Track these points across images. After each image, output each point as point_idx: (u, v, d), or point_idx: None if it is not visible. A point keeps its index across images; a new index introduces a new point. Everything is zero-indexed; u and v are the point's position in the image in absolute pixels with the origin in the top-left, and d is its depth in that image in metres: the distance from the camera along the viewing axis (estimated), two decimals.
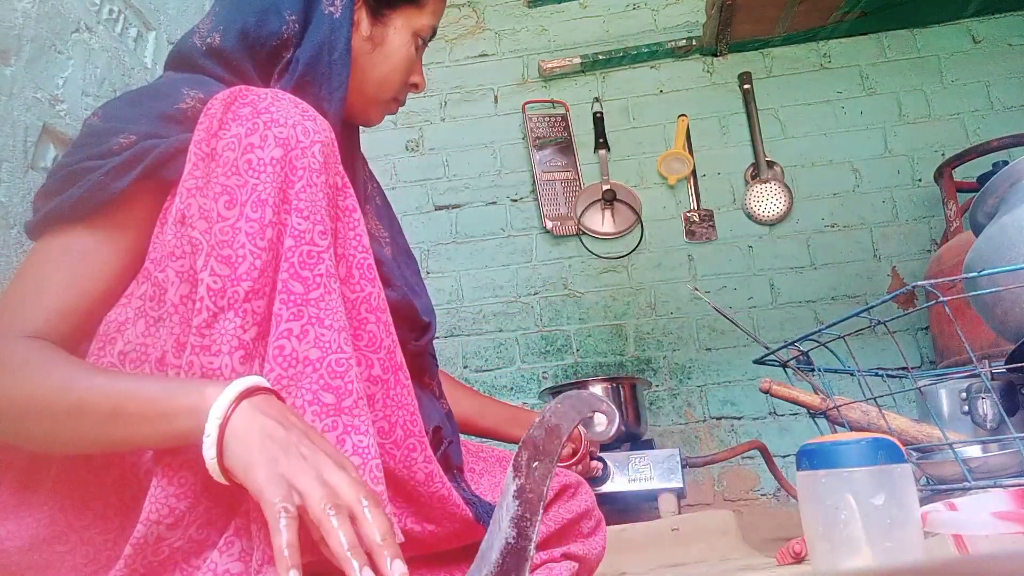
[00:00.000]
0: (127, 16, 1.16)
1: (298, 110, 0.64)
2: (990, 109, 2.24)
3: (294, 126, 0.62)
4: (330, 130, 0.65)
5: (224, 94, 0.63)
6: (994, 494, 0.74)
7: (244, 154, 0.61)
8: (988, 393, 1.09)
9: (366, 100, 0.86)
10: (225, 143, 0.61)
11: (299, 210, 0.61)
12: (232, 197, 0.60)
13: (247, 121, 0.62)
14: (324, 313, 0.60)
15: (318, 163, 0.62)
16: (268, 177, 0.60)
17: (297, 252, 0.60)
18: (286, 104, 0.63)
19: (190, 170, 0.61)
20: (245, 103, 0.63)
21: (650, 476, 1.61)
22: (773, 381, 1.23)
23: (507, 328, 2.30)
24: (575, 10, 2.52)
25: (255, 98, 0.63)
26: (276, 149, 0.61)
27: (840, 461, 0.60)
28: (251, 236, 0.59)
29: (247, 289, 0.58)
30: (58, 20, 0.99)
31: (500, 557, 0.56)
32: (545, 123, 2.42)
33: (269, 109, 0.62)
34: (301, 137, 0.62)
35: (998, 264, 1.00)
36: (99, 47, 1.07)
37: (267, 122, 0.62)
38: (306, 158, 0.62)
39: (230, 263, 0.58)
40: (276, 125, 0.62)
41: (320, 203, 0.62)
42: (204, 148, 0.61)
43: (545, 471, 0.57)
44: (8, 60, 0.91)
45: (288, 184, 0.61)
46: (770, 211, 2.26)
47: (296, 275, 0.60)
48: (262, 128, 0.61)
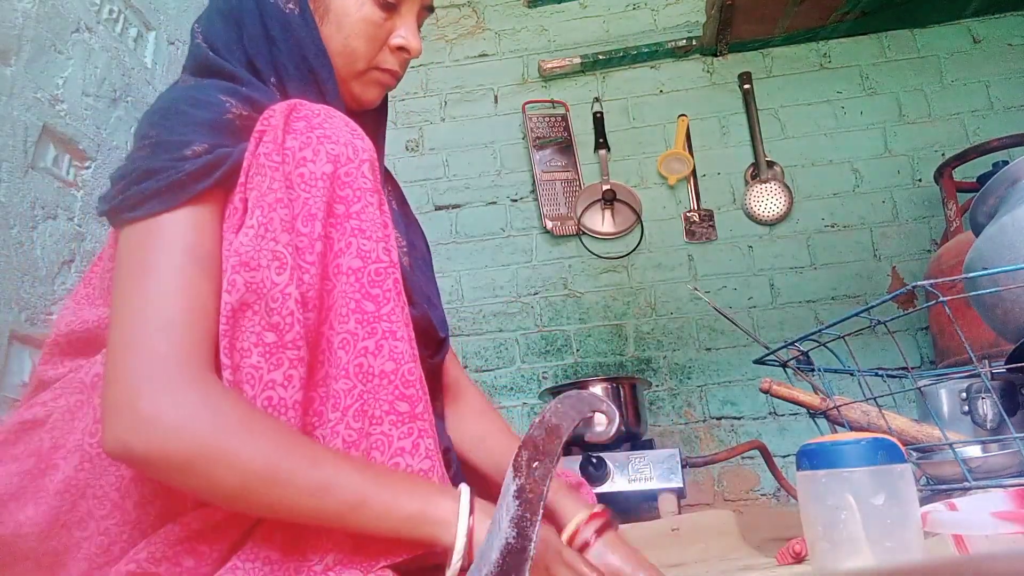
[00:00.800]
0: (127, 16, 1.16)
1: (348, 128, 0.66)
2: (990, 109, 2.25)
3: (346, 144, 0.64)
4: (373, 149, 0.67)
5: (282, 107, 0.65)
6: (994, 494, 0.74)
7: (297, 167, 0.62)
8: (988, 393, 1.09)
9: (342, 81, 0.79)
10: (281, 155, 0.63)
11: (361, 231, 0.63)
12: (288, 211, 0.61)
13: (301, 135, 0.63)
14: (395, 326, 0.63)
15: (370, 182, 0.65)
16: (318, 191, 0.62)
17: (366, 272, 0.62)
18: (338, 122, 0.65)
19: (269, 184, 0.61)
20: (299, 117, 0.64)
21: (650, 476, 1.61)
22: (773, 381, 1.23)
23: (507, 328, 2.30)
24: (575, 10, 2.52)
25: (309, 113, 0.65)
26: (327, 164, 0.63)
27: (840, 461, 0.60)
28: (301, 251, 0.61)
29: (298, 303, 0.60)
30: (58, 20, 0.99)
31: (500, 557, 0.56)
32: (545, 123, 2.42)
33: (323, 125, 0.64)
34: (351, 155, 0.64)
35: (998, 264, 1.00)
36: (99, 47, 1.07)
37: (320, 137, 0.63)
38: (359, 177, 0.64)
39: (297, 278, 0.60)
40: (328, 141, 0.63)
41: (378, 220, 0.64)
42: (275, 159, 0.62)
43: (545, 471, 0.57)
44: (8, 60, 0.91)
45: (336, 199, 0.63)
46: (770, 211, 2.26)
47: (367, 294, 0.62)
48: (315, 143, 0.63)
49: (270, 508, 0.57)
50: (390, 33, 0.80)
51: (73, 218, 1.01)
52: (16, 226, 0.91)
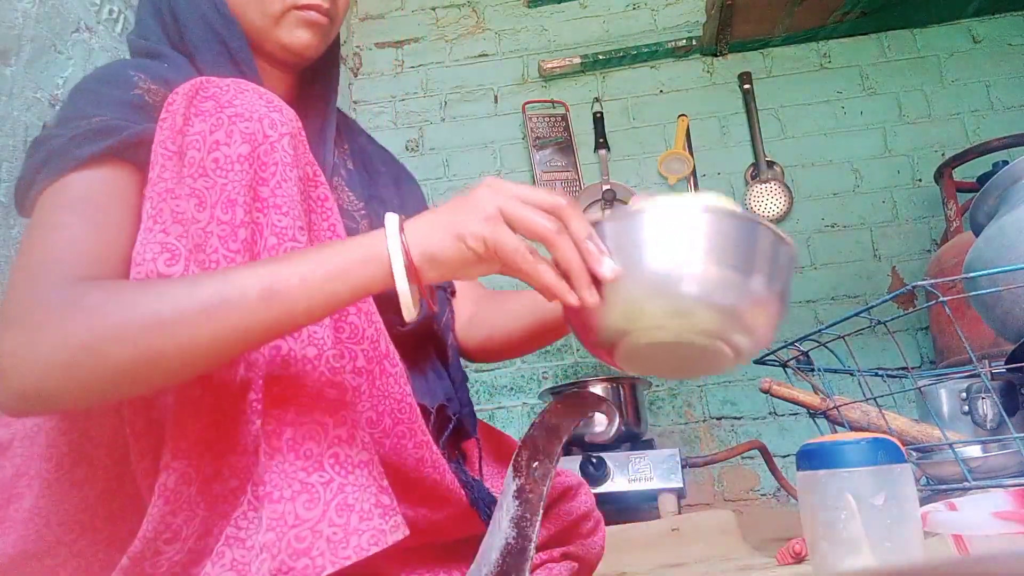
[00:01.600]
0: (127, 16, 1.16)
1: (263, 101, 0.61)
2: (990, 109, 2.24)
3: (260, 119, 0.59)
4: (296, 119, 0.62)
5: (185, 87, 0.60)
6: (994, 494, 0.74)
7: (210, 152, 0.58)
8: (988, 393, 1.09)
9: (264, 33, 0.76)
10: (190, 142, 0.58)
11: (277, 207, 0.59)
12: (201, 199, 0.57)
13: (211, 116, 0.59)
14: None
15: (289, 156, 0.60)
16: (236, 176, 0.58)
17: (281, 250, 0.58)
18: (250, 96, 0.60)
19: (159, 172, 0.57)
20: (207, 96, 0.60)
21: (650, 476, 1.61)
22: (773, 381, 1.23)
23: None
24: (575, 10, 2.52)
25: (217, 90, 0.60)
26: (243, 146, 0.58)
27: (840, 461, 0.60)
28: (223, 239, 0.56)
29: None
30: (58, 20, 0.99)
31: (500, 557, 0.56)
32: (545, 123, 2.42)
33: (233, 102, 0.59)
34: (268, 131, 0.59)
35: (998, 264, 1.00)
36: (99, 47, 1.08)
37: (232, 116, 0.59)
38: (276, 152, 0.59)
39: (205, 268, 0.56)
40: (242, 120, 0.59)
41: (295, 198, 0.60)
42: (170, 147, 0.58)
43: (545, 471, 0.57)
44: (8, 60, 0.91)
45: (259, 181, 0.59)
46: (770, 211, 2.26)
47: None
48: (227, 123, 0.58)
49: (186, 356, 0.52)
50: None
51: None
52: (16, 226, 0.91)
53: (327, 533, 0.53)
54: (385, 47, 2.55)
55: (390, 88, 2.53)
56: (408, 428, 0.66)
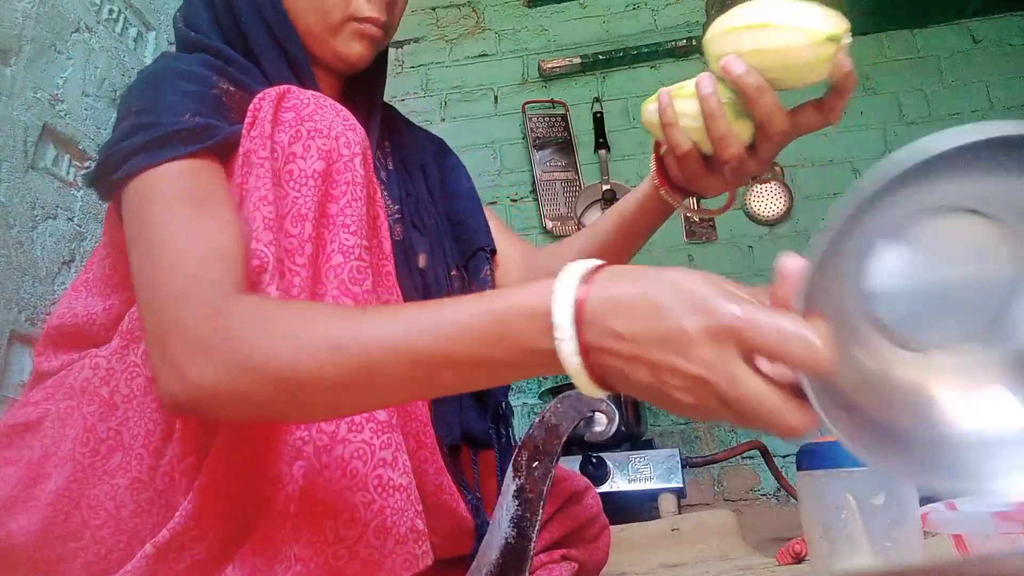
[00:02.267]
0: (127, 16, 1.16)
1: (340, 119, 0.62)
2: (990, 109, 2.24)
3: (337, 138, 0.61)
4: (367, 139, 0.64)
5: (271, 94, 0.61)
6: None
7: (286, 164, 0.59)
8: None
9: (321, 41, 0.76)
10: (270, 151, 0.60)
11: (345, 225, 0.59)
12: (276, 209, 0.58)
13: (290, 128, 0.60)
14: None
15: (360, 176, 0.61)
16: (309, 191, 0.59)
17: (347, 268, 0.59)
18: (329, 112, 0.62)
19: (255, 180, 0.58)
20: (288, 107, 0.61)
21: (650, 476, 1.61)
22: None
23: None
24: (575, 10, 2.52)
25: (297, 102, 0.61)
26: (319, 162, 0.59)
27: (840, 461, 0.60)
28: (290, 252, 0.57)
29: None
30: (58, 20, 0.99)
31: (500, 557, 0.56)
32: (545, 123, 2.42)
33: (312, 117, 0.61)
34: (343, 150, 0.60)
35: None
36: (99, 47, 1.08)
37: (310, 131, 0.60)
38: (349, 172, 0.60)
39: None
40: (320, 136, 0.60)
41: (363, 218, 0.61)
42: (262, 153, 0.59)
43: (545, 471, 0.57)
44: (8, 60, 0.91)
45: (329, 199, 0.60)
46: (770, 211, 2.26)
47: (347, 291, 0.58)
48: (305, 137, 0.60)
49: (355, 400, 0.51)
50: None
51: (73, 218, 1.01)
52: (16, 226, 0.91)
53: (363, 554, 0.53)
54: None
55: (390, 88, 2.51)
56: (430, 453, 0.66)
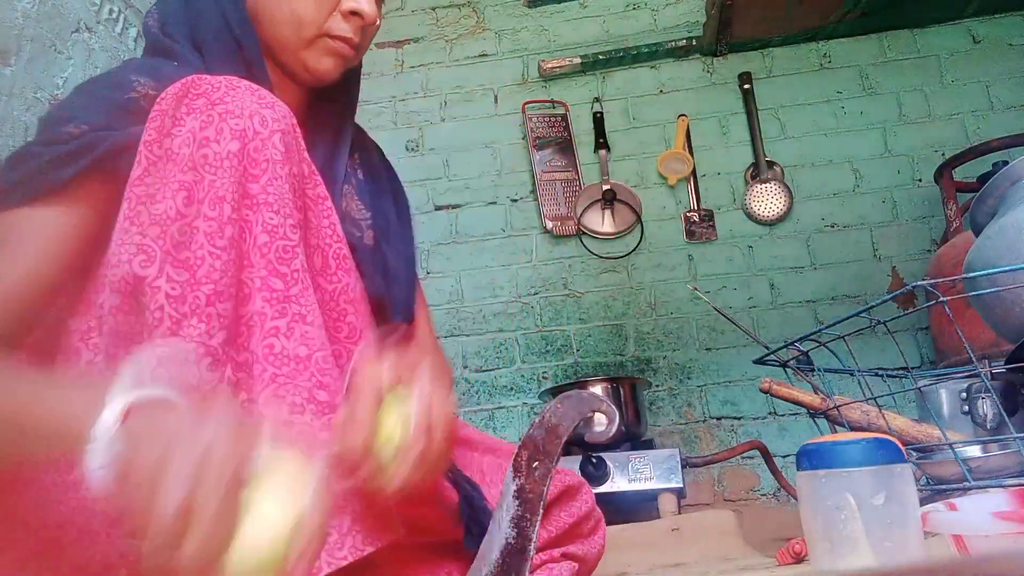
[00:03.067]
0: (127, 16, 1.16)
1: (255, 98, 0.60)
2: (990, 109, 2.24)
3: (251, 116, 0.59)
4: (290, 116, 0.62)
5: (176, 87, 0.60)
6: (994, 494, 0.74)
7: (200, 148, 0.57)
8: (988, 393, 1.09)
9: (291, 51, 0.76)
10: (180, 140, 0.58)
11: (268, 204, 0.58)
12: (190, 194, 0.57)
13: (201, 114, 0.58)
14: (305, 309, 0.58)
15: (280, 154, 0.60)
16: (225, 172, 0.57)
17: (273, 248, 0.58)
18: (242, 93, 0.60)
19: (140, 173, 0.57)
20: (199, 93, 0.59)
21: (650, 476, 1.61)
22: (773, 381, 1.23)
23: (507, 328, 2.30)
24: (575, 10, 2.52)
25: (208, 87, 0.60)
26: (233, 142, 0.58)
27: (840, 461, 0.60)
28: (209, 235, 0.56)
29: (208, 292, 0.55)
30: (58, 20, 0.99)
31: (500, 557, 0.56)
32: (545, 123, 2.42)
33: (224, 99, 0.59)
34: (259, 128, 0.59)
35: (998, 264, 1.00)
36: (99, 47, 1.08)
37: (222, 113, 0.58)
38: (267, 150, 0.59)
39: (188, 266, 0.55)
40: (232, 116, 0.58)
41: (287, 196, 0.59)
42: (156, 150, 0.58)
43: (545, 471, 0.57)
44: (8, 60, 0.91)
45: (249, 178, 0.58)
46: (770, 211, 2.26)
47: (275, 271, 0.57)
48: (217, 120, 0.58)
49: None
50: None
51: None
52: None
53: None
54: (385, 47, 2.55)
55: (390, 88, 2.53)
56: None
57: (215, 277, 0.56)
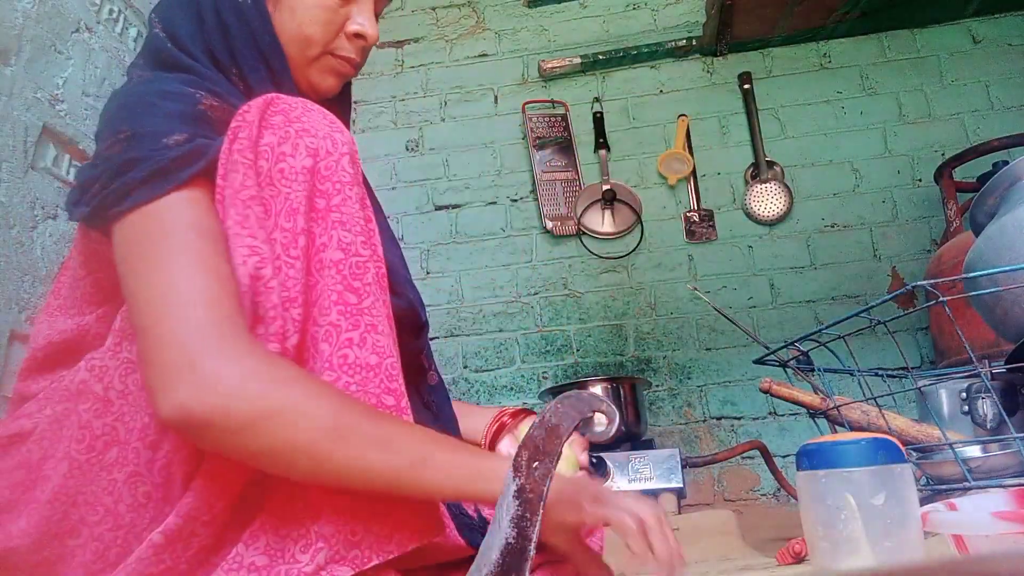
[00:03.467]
0: (127, 16, 1.16)
1: (326, 121, 0.65)
2: (990, 109, 2.24)
3: (324, 137, 0.64)
4: (354, 142, 0.67)
5: (258, 102, 0.64)
6: (994, 494, 0.74)
7: (276, 163, 0.62)
8: (988, 393, 1.09)
9: (298, 69, 0.79)
10: (260, 151, 0.62)
11: (342, 223, 0.62)
12: (267, 209, 0.61)
13: (279, 130, 0.63)
14: (376, 320, 0.62)
15: (349, 175, 0.64)
16: (299, 186, 0.62)
17: (348, 264, 0.62)
18: (316, 115, 0.65)
19: (242, 180, 0.61)
20: (277, 111, 0.64)
21: (650, 476, 1.61)
22: (773, 381, 1.23)
23: (507, 328, 2.30)
24: (575, 10, 2.52)
25: (286, 107, 0.64)
26: (307, 159, 0.62)
27: (840, 461, 0.60)
28: (285, 246, 0.60)
29: (284, 299, 0.59)
30: (58, 20, 0.99)
31: (500, 557, 0.56)
32: (545, 123, 2.42)
33: (300, 119, 0.64)
34: (331, 149, 0.64)
35: (998, 264, 1.00)
36: (99, 47, 1.07)
37: (298, 131, 0.63)
38: (338, 171, 0.63)
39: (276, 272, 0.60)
40: (307, 135, 0.63)
41: (358, 214, 0.64)
42: (248, 156, 0.62)
43: (545, 471, 0.57)
44: (8, 60, 0.91)
45: (317, 193, 0.62)
46: (770, 211, 2.26)
47: (349, 286, 0.62)
48: (293, 137, 0.63)
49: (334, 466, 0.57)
50: (346, 20, 0.80)
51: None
52: (16, 226, 0.91)
53: (375, 528, 0.58)
54: (385, 47, 2.55)
55: (390, 88, 2.53)
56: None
57: (289, 285, 0.60)
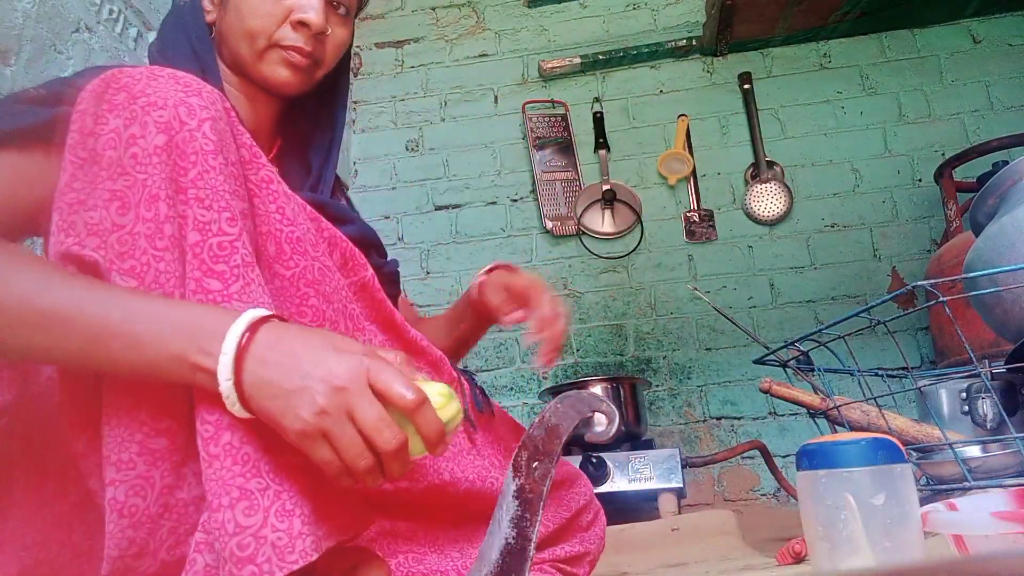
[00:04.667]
0: (127, 16, 1.16)
1: (179, 86, 0.57)
2: (990, 109, 2.24)
3: (176, 106, 0.56)
4: (220, 100, 0.59)
5: (94, 83, 0.57)
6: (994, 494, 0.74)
7: (128, 148, 0.55)
8: (988, 393, 1.09)
9: (250, 65, 0.81)
10: (105, 140, 0.55)
11: (199, 199, 0.55)
12: (124, 201, 0.54)
13: (124, 110, 0.55)
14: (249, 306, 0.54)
15: (211, 143, 0.56)
16: (155, 169, 0.54)
17: (206, 246, 0.54)
18: (165, 82, 0.57)
19: (68, 180, 0.55)
20: (119, 88, 0.56)
21: (650, 476, 1.61)
22: (773, 381, 1.23)
23: (507, 328, 2.30)
24: (575, 10, 2.52)
25: (129, 80, 0.57)
26: (159, 136, 0.55)
27: (840, 461, 0.60)
28: (149, 238, 0.54)
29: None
30: (58, 20, 0.99)
31: (500, 557, 0.56)
32: (545, 123, 2.42)
33: (146, 91, 0.56)
34: (185, 118, 0.56)
35: (998, 264, 1.00)
36: (99, 47, 1.07)
37: (145, 107, 0.55)
38: (196, 140, 0.56)
39: (135, 274, 0.54)
40: (155, 108, 0.55)
41: (221, 187, 0.56)
42: (80, 153, 0.56)
43: (545, 471, 0.57)
44: (8, 60, 0.91)
45: (180, 172, 0.55)
46: (770, 211, 2.26)
47: (210, 271, 0.54)
48: (140, 115, 0.55)
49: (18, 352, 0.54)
50: (291, 10, 0.80)
51: None
52: None
53: (271, 539, 0.50)
54: (385, 47, 2.55)
55: (390, 88, 2.53)
56: None
57: (161, 280, 0.54)
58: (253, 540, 0.50)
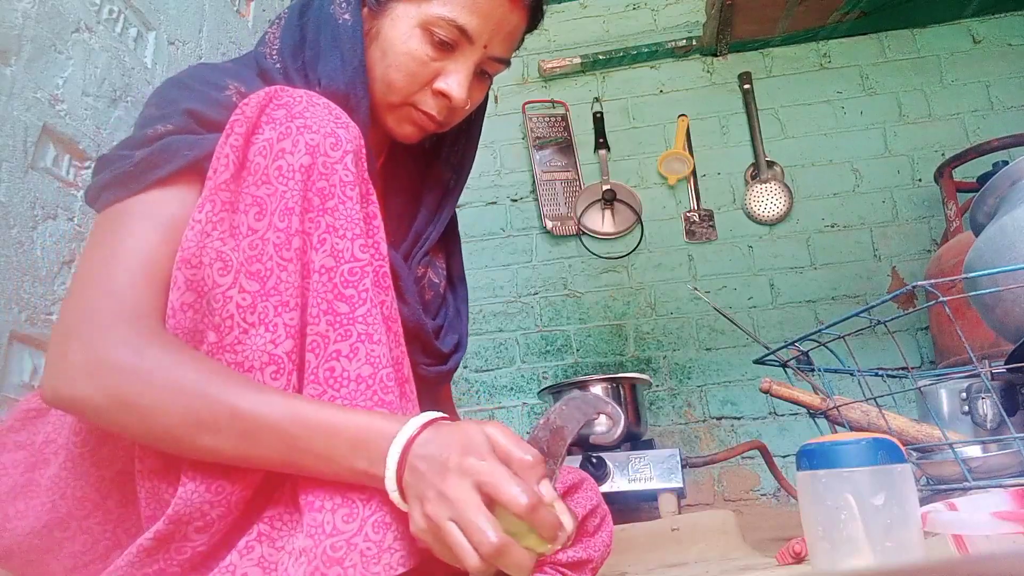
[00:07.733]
0: (127, 16, 1.16)
1: (331, 116, 0.62)
2: (990, 109, 2.25)
3: (326, 135, 0.60)
4: (360, 137, 0.63)
5: (260, 94, 0.62)
6: (994, 494, 0.74)
7: (275, 160, 0.59)
8: (988, 393, 1.09)
9: (379, 108, 0.77)
10: (257, 148, 0.60)
11: (334, 228, 0.59)
12: (262, 208, 0.59)
13: (280, 125, 0.60)
14: (372, 328, 0.59)
15: (351, 175, 0.61)
16: (295, 184, 0.59)
17: (339, 272, 0.59)
18: (320, 109, 0.62)
19: (222, 179, 0.59)
20: (280, 104, 0.61)
21: (650, 476, 1.61)
22: (773, 381, 1.23)
23: (507, 328, 2.30)
24: (575, 10, 2.52)
25: (290, 100, 0.62)
26: (305, 156, 0.59)
27: (840, 461, 0.60)
28: (278, 247, 0.58)
29: (276, 304, 0.58)
30: (58, 20, 0.99)
31: None
32: (545, 123, 2.42)
33: (303, 113, 0.61)
34: (330, 150, 0.60)
35: (998, 264, 1.00)
36: (99, 47, 1.07)
37: (299, 127, 0.60)
38: (337, 172, 0.60)
39: (259, 278, 0.58)
40: (308, 131, 0.60)
41: (356, 217, 0.60)
42: (235, 156, 0.60)
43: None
44: (8, 60, 0.91)
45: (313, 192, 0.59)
46: (770, 211, 2.26)
47: (340, 295, 0.58)
48: (294, 133, 0.60)
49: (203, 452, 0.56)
50: (436, 75, 0.76)
51: (73, 218, 1.01)
52: (16, 226, 0.90)
53: (362, 547, 0.54)
54: None
55: None
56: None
57: (282, 288, 0.58)
58: (345, 544, 0.54)
